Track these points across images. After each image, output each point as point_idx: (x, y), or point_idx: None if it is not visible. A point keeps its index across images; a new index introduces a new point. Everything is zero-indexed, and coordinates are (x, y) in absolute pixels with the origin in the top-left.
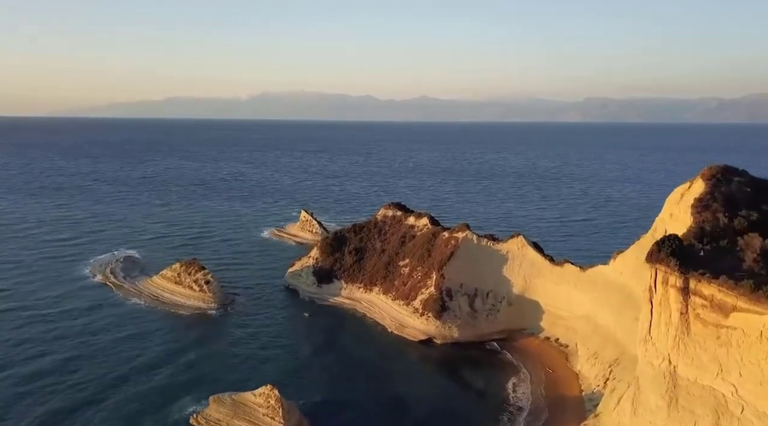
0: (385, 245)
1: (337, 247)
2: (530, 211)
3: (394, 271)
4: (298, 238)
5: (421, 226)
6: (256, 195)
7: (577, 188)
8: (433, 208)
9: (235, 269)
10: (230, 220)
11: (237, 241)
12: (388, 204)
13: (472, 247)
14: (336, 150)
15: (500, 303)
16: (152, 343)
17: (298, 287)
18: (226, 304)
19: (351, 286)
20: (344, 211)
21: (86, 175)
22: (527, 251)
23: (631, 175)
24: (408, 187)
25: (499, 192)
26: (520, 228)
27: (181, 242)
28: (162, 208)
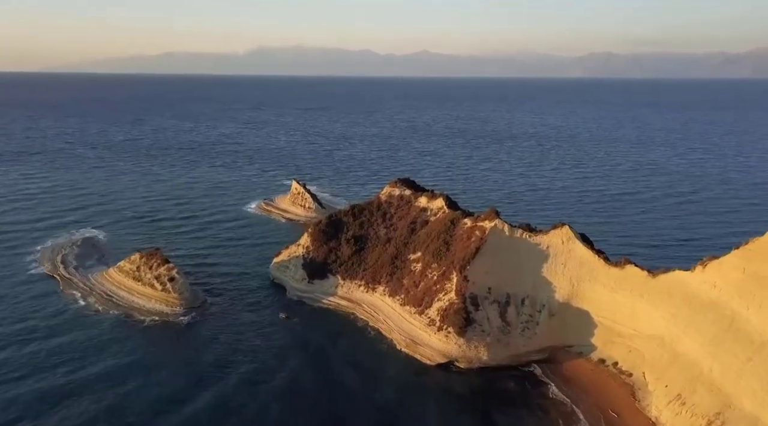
0: (391, 233)
1: (332, 234)
2: (557, 182)
3: (402, 268)
4: (289, 214)
5: (435, 209)
6: (247, 160)
7: (608, 153)
8: (445, 180)
9: (211, 256)
10: (215, 190)
11: (218, 218)
12: (394, 181)
13: (502, 241)
14: (335, 108)
15: (539, 313)
16: (88, 362)
17: (285, 282)
18: (194, 307)
19: (349, 283)
20: (343, 179)
21: (69, 136)
22: (574, 246)
23: (659, 137)
24: (415, 152)
25: (521, 158)
26: (551, 206)
27: (154, 219)
28: (142, 176)
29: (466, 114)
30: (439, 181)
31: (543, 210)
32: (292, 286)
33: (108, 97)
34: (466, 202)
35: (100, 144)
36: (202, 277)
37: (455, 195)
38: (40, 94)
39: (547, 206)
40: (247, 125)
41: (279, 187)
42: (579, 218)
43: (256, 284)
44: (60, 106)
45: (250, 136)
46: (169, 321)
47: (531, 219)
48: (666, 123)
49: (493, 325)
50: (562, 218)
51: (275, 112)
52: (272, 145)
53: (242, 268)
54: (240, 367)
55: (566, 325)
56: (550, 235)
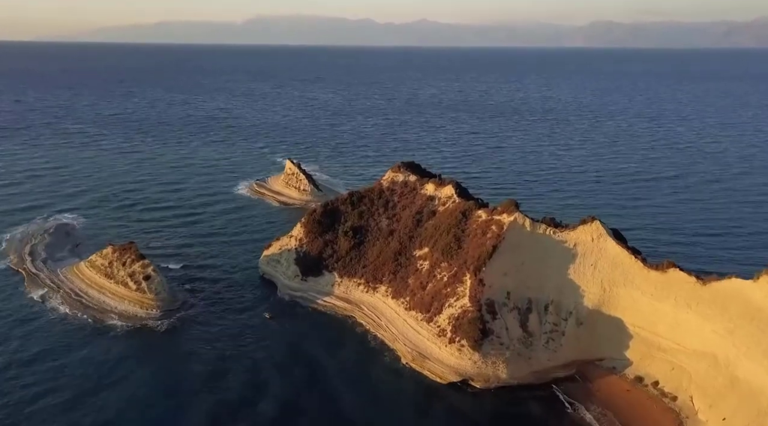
0: (394, 224)
1: (329, 226)
2: (569, 161)
3: (407, 265)
4: (282, 197)
5: (444, 198)
6: (241, 135)
7: (621, 127)
8: (451, 159)
9: (195, 246)
10: (205, 169)
11: (206, 202)
12: (397, 165)
13: (523, 238)
14: (335, 79)
15: (565, 321)
16: (39, 382)
17: (276, 279)
18: (173, 310)
19: (347, 281)
20: (342, 157)
21: (57, 110)
22: (606, 244)
23: (672, 111)
24: (418, 127)
25: (531, 134)
26: (567, 190)
27: (136, 203)
28: (129, 154)
29: (469, 86)
30: (444, 160)
31: (558, 194)
32: (284, 284)
33: (100, 68)
34: (474, 185)
35: (88, 119)
36: (183, 273)
37: (462, 176)
38: (30, 65)
39: (563, 190)
40: (244, 98)
41: (273, 165)
42: (596, 204)
43: (243, 281)
44: (50, 78)
45: (246, 109)
46: (143, 326)
47: (545, 204)
48: (678, 95)
49: (512, 337)
50: (577, 204)
51: (273, 84)
52: (269, 119)
53: (229, 261)
54: (221, 387)
55: (596, 335)
56: (577, 231)
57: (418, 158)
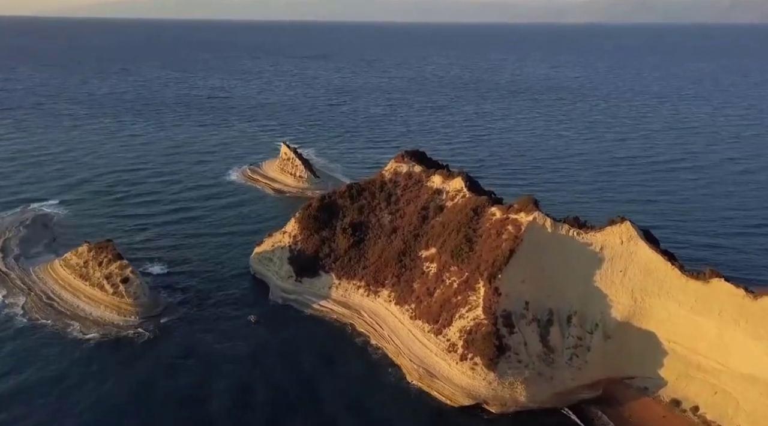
0: (398, 221)
1: (325, 221)
2: (582, 146)
3: (412, 267)
4: (277, 184)
5: (452, 191)
6: (236, 116)
7: (633, 107)
8: (457, 143)
9: (181, 241)
10: (197, 154)
11: (196, 189)
12: (400, 154)
13: (543, 240)
14: (335, 57)
15: (591, 335)
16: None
17: (268, 279)
18: (153, 316)
19: (346, 284)
20: (342, 141)
21: (49, 89)
22: (637, 248)
23: (685, 90)
24: (422, 108)
25: (540, 115)
26: (583, 179)
27: (123, 189)
28: (119, 137)
29: (474, 63)
30: (450, 145)
31: (570, 183)
32: (277, 285)
33: (94, 45)
34: (483, 172)
35: (80, 98)
36: (166, 272)
37: (467, 161)
38: (23, 41)
39: (575, 177)
40: (241, 76)
41: (269, 149)
42: (612, 193)
43: (233, 281)
44: (43, 55)
45: (243, 88)
46: (119, 336)
47: (556, 194)
48: (688, 73)
49: (532, 353)
50: (592, 194)
51: (271, 61)
52: (266, 98)
53: (218, 258)
54: (202, 410)
55: (626, 351)
56: (605, 232)
57: (420, 142)
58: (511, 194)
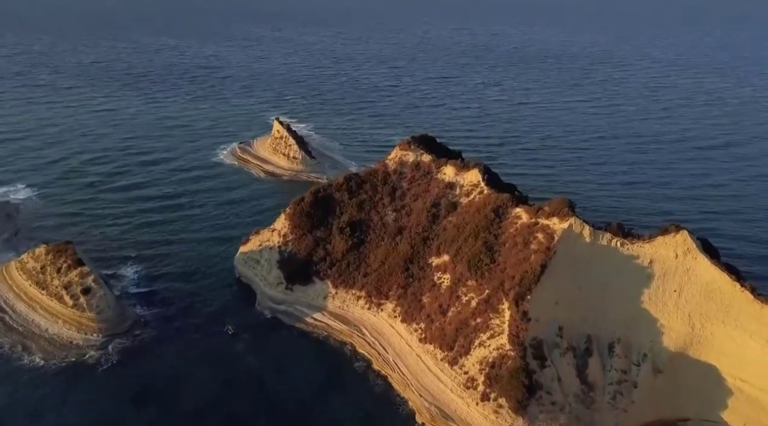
0: (403, 219)
1: (320, 219)
2: (607, 120)
3: (421, 277)
4: (269, 165)
5: (468, 186)
6: (230, 88)
7: (652, 78)
8: (468, 119)
9: (160, 234)
10: (185, 130)
11: (180, 173)
12: (406, 140)
13: (581, 252)
14: (336, 22)
15: (638, 367)
16: None
17: (254, 284)
18: (119, 333)
19: (344, 293)
20: (341, 116)
21: (33, 57)
22: (695, 264)
23: (705, 59)
24: (429, 78)
25: (558, 87)
26: (610, 164)
27: (100, 173)
28: (103, 113)
29: (481, 29)
30: (457, 119)
31: (595, 168)
32: (264, 293)
33: (85, 8)
34: (492, 153)
35: (66, 68)
36: (138, 276)
37: (476, 140)
38: (5, 2)
39: (602, 162)
40: (237, 43)
41: (262, 124)
42: (647, 182)
43: (215, 286)
44: (31, 19)
45: (239, 56)
46: (77, 360)
47: (580, 182)
48: (707, 40)
49: (567, 392)
50: (622, 183)
51: (271, 26)
52: (263, 67)
53: (199, 256)
54: None
55: (681, 388)
56: (655, 244)
57: (425, 118)
58: (528, 185)
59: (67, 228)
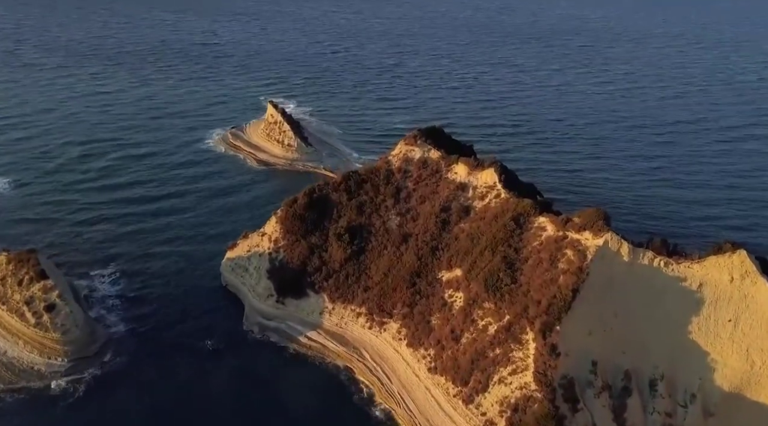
0: (409, 225)
1: (315, 223)
2: (624, 109)
3: (430, 294)
4: (262, 153)
5: (483, 187)
6: (226, 66)
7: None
8: (477, 104)
9: (139, 236)
10: (174, 114)
11: (167, 161)
12: (412, 134)
13: (618, 273)
14: None
15: (685, 409)
16: None
17: (242, 295)
18: (87, 357)
19: (342, 309)
20: (341, 95)
21: (21, 31)
22: (755, 290)
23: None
24: (436, 56)
25: (566, 66)
26: (633, 150)
27: (79, 162)
28: (88, 95)
29: (489, 3)
30: (465, 104)
31: (621, 161)
32: (253, 306)
33: None
34: (504, 141)
35: (55, 44)
36: (115, 284)
37: (484, 127)
38: None
39: (628, 153)
40: (235, 17)
41: (257, 106)
42: (683, 183)
43: (200, 296)
44: None
45: (236, 32)
46: (37, 390)
47: (603, 179)
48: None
49: None
50: (653, 180)
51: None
52: (260, 44)
53: (181, 262)
54: None
55: None
56: (706, 264)
57: (432, 103)
58: (545, 181)
59: (36, 230)
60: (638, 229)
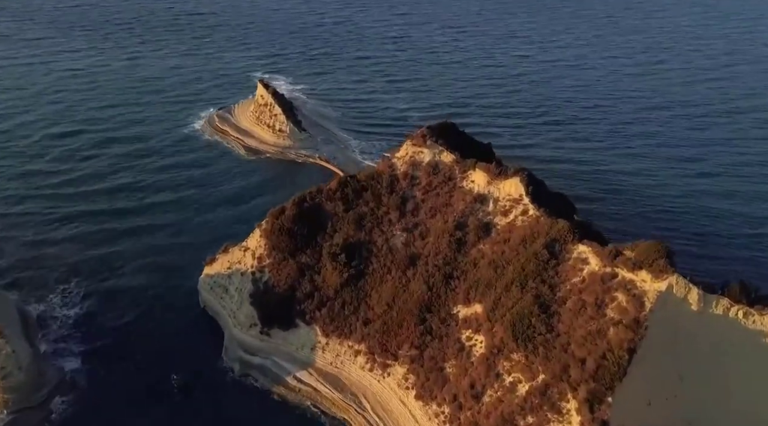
0: (417, 244)
1: (306, 239)
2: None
3: (443, 334)
4: (251, 140)
5: (506, 201)
6: (217, 36)
7: None
8: (486, 85)
9: (110, 237)
10: (157, 91)
11: (143, 150)
12: (421, 133)
13: (684, 324)
14: None
15: None
16: None
17: (222, 320)
18: (35, 407)
19: (337, 345)
20: (340, 72)
21: None
22: None
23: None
24: (444, 27)
25: (592, 35)
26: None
27: (44, 152)
28: (56, 68)
29: None
30: (472, 83)
31: (651, 156)
32: (234, 336)
33: None
34: (525, 133)
35: (39, 14)
36: (75, 308)
37: (491, 110)
38: None
39: (659, 142)
40: None
41: (248, 84)
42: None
43: (173, 321)
44: None
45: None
46: None
47: (628, 179)
48: None
49: None
50: (701, 184)
51: None
52: (255, 14)
53: (154, 278)
54: None
55: None
56: None
57: (439, 83)
58: (565, 181)
59: None
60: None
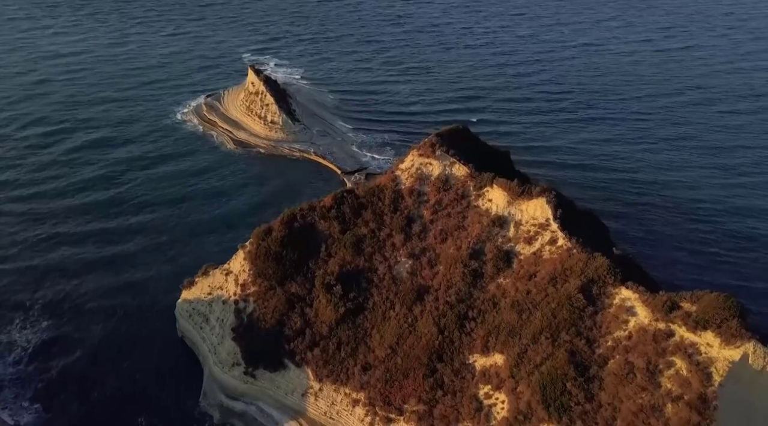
0: (425, 273)
1: (296, 264)
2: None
3: (457, 389)
4: (240, 132)
5: (530, 225)
6: (209, 15)
7: None
8: (491, 68)
9: (71, 260)
10: (143, 76)
11: (123, 142)
12: (428, 142)
13: (762, 400)
14: None
15: None
16: None
17: (200, 353)
18: None
19: (333, 391)
20: (342, 54)
21: None
22: None
23: None
24: (450, 8)
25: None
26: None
27: (19, 139)
28: (49, 53)
29: None
30: (489, 69)
31: (674, 160)
32: (214, 375)
33: None
34: (540, 128)
35: None
36: (26, 348)
37: (511, 103)
38: None
39: (680, 142)
40: None
41: (240, 68)
42: None
43: (144, 354)
44: None
45: None
46: None
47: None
48: None
49: None
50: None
51: None
52: None
53: (126, 297)
54: None
55: None
56: None
57: (445, 71)
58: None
59: None
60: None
